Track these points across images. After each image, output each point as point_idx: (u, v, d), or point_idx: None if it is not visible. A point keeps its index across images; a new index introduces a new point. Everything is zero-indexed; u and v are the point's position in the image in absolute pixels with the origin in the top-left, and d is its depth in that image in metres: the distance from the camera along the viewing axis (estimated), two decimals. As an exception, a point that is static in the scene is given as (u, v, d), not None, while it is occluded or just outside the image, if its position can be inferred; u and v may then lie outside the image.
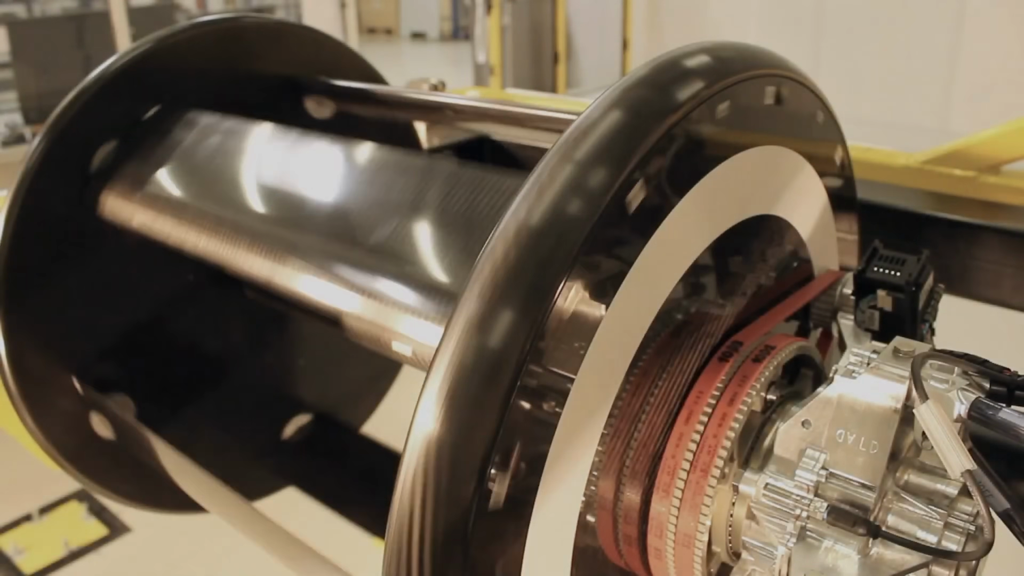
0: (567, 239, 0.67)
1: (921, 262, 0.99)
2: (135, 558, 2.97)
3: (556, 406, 0.69)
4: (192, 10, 7.18)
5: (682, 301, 1.00)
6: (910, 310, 0.98)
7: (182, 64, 1.31)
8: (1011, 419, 0.67)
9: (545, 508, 0.71)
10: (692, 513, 0.80)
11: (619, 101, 0.74)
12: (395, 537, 0.65)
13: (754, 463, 0.82)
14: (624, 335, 0.75)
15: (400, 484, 0.65)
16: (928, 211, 1.47)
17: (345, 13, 7.69)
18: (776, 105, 0.90)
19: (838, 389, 0.74)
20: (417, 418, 0.65)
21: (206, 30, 1.33)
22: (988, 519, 0.65)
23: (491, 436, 0.64)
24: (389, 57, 13.13)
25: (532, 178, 0.70)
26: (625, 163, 0.70)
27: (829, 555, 0.72)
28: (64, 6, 6.21)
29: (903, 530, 0.72)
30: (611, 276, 0.71)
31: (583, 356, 0.70)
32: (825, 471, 0.74)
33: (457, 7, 14.55)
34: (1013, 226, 1.40)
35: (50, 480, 2.80)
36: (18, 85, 5.49)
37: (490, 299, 0.65)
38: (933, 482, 0.74)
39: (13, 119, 5.54)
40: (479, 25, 6.85)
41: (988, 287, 1.41)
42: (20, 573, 2.90)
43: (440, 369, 0.65)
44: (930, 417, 0.67)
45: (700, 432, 0.81)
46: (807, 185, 1.00)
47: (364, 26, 13.81)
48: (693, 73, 0.78)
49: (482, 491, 0.65)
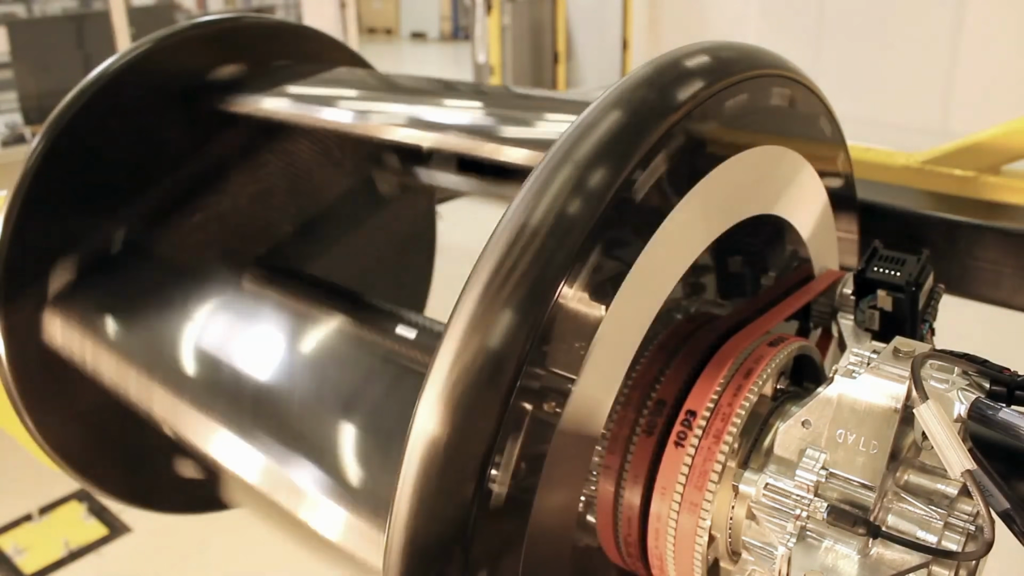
0: (567, 239, 0.67)
1: (921, 262, 0.99)
2: (135, 558, 2.97)
3: (556, 406, 0.69)
4: (192, 10, 7.17)
5: (682, 301, 1.00)
6: (910, 310, 0.98)
7: (182, 64, 1.31)
8: (1011, 419, 0.67)
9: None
10: (692, 513, 0.80)
11: (619, 101, 0.74)
12: (395, 536, 0.65)
13: (754, 463, 0.82)
14: (624, 335, 0.74)
15: (400, 484, 0.65)
16: (928, 211, 1.47)
17: (345, 13, 7.68)
18: (776, 105, 0.90)
19: (838, 389, 0.74)
20: (417, 418, 0.65)
21: (206, 30, 1.33)
22: (988, 519, 0.65)
23: (491, 436, 0.64)
24: (389, 57, 13.14)
25: (532, 178, 0.70)
26: (625, 163, 0.70)
27: (829, 555, 0.72)
28: (64, 6, 6.20)
29: (903, 530, 0.72)
30: (611, 276, 0.71)
31: (583, 356, 0.70)
32: (825, 471, 0.74)
33: (457, 7, 14.55)
34: (1013, 226, 1.40)
35: (50, 480, 2.80)
36: (18, 85, 5.49)
37: (490, 299, 0.65)
38: (933, 482, 0.74)
39: (13, 119, 5.54)
40: (479, 25, 6.85)
41: (988, 287, 1.41)
42: (20, 573, 2.90)
43: (440, 369, 0.65)
44: (930, 417, 0.67)
45: (700, 432, 0.81)
46: (807, 185, 1.00)
47: (364, 26, 13.82)
48: (693, 73, 0.78)
49: (482, 491, 0.65)
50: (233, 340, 1.15)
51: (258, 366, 1.09)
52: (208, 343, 1.16)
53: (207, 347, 1.15)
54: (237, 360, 1.12)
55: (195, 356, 1.15)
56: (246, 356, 1.11)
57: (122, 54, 1.25)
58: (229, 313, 1.22)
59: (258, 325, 1.18)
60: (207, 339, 1.17)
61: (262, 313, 1.20)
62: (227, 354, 1.13)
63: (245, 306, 1.23)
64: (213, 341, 1.16)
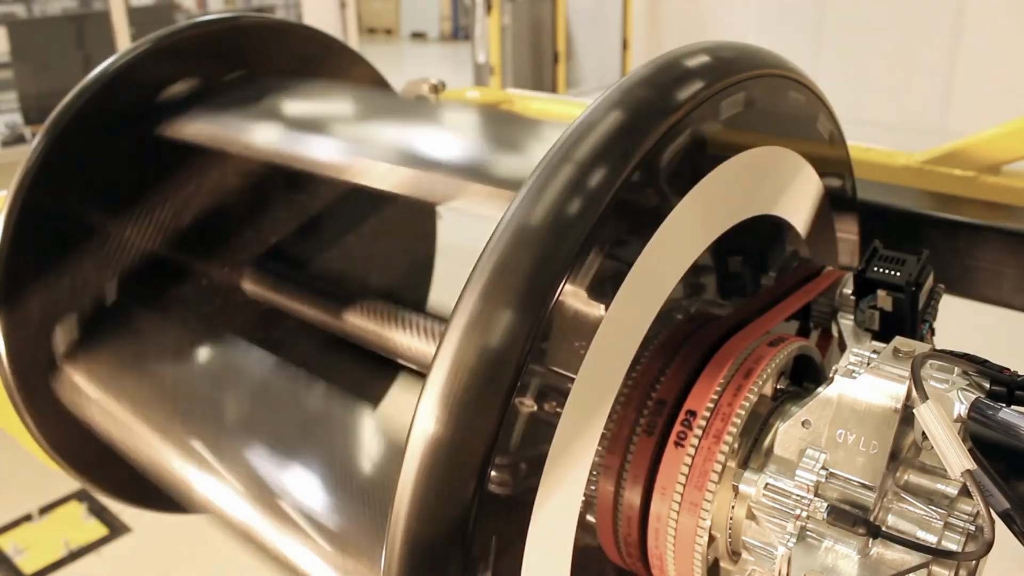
0: (567, 239, 0.67)
1: (921, 262, 0.99)
2: (135, 558, 2.97)
3: (556, 406, 0.69)
4: (192, 10, 7.18)
5: (682, 301, 1.00)
6: (910, 310, 0.98)
7: (182, 64, 1.31)
8: (1011, 419, 0.67)
9: (545, 508, 0.71)
10: (692, 513, 0.80)
11: (619, 101, 0.74)
12: (396, 537, 0.65)
13: (754, 463, 0.82)
14: (624, 335, 0.74)
15: (400, 484, 0.65)
16: (928, 211, 1.47)
17: (345, 13, 7.68)
18: (776, 105, 0.90)
19: (838, 389, 0.74)
20: (417, 418, 0.65)
21: (206, 30, 1.33)
22: (988, 519, 0.65)
23: (491, 436, 0.64)
24: (389, 57, 13.13)
25: (532, 178, 0.70)
26: (625, 163, 0.70)
27: (829, 555, 0.72)
28: (64, 6, 6.20)
29: (903, 530, 0.72)
30: (611, 276, 0.71)
31: (583, 356, 0.70)
32: (825, 471, 0.74)
33: (457, 7, 14.54)
34: (1013, 226, 1.40)
35: (50, 480, 2.80)
36: (18, 85, 5.49)
37: (490, 299, 0.65)
38: (933, 482, 0.74)
39: (13, 119, 5.54)
40: (479, 25, 6.85)
41: (988, 287, 1.41)
42: (20, 573, 2.90)
43: (440, 369, 0.65)
44: (930, 417, 0.67)
45: (700, 432, 0.81)
46: (807, 185, 1.00)
47: (364, 26, 13.81)
48: (693, 73, 0.78)
49: (482, 491, 0.65)
50: (232, 344, 1.16)
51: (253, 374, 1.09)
52: (207, 349, 1.16)
53: (206, 348, 1.15)
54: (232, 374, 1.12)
55: (194, 355, 1.15)
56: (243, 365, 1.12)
57: (122, 54, 1.25)
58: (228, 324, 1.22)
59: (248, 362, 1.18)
60: (207, 341, 1.17)
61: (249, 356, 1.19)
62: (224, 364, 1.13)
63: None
64: (212, 345, 1.16)
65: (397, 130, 1.16)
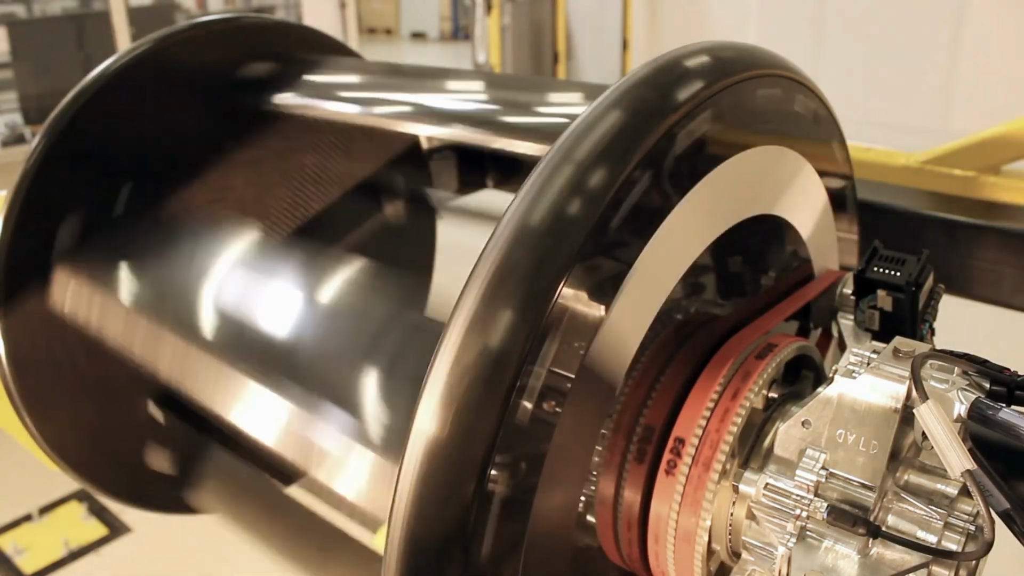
0: (567, 239, 0.67)
1: (921, 262, 0.98)
2: (135, 558, 2.97)
3: (556, 406, 0.69)
4: (192, 10, 7.17)
5: (682, 301, 1.00)
6: (910, 310, 0.98)
7: (182, 64, 1.31)
8: (1011, 419, 0.67)
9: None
10: (692, 513, 0.80)
11: (619, 101, 0.74)
12: (395, 536, 0.65)
13: (754, 463, 0.82)
14: (624, 335, 0.74)
15: (400, 484, 0.65)
16: (928, 211, 1.47)
17: (345, 13, 7.68)
18: (776, 105, 0.89)
19: (838, 389, 0.74)
20: (417, 418, 0.65)
21: (206, 30, 1.33)
22: (988, 519, 0.65)
23: (491, 436, 0.64)
24: (389, 57, 13.10)
25: (532, 178, 0.70)
26: (625, 163, 0.70)
27: (829, 555, 0.72)
28: (64, 6, 6.20)
29: (903, 530, 0.72)
30: (611, 276, 0.71)
31: (583, 356, 0.70)
32: (825, 471, 0.74)
33: (457, 7, 14.54)
34: (1013, 226, 1.40)
35: (50, 480, 2.79)
36: (18, 85, 5.48)
37: (490, 299, 0.65)
38: (933, 482, 0.74)
39: (13, 119, 5.54)
40: (479, 25, 6.85)
41: (988, 287, 1.41)
42: (20, 573, 2.90)
43: (440, 369, 0.65)
44: (930, 417, 0.67)
45: (700, 432, 0.81)
46: (807, 185, 1.00)
47: (364, 26, 13.80)
48: (693, 73, 0.78)
49: (482, 491, 0.65)
50: (232, 348, 1.16)
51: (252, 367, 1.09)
52: (207, 352, 1.16)
53: (206, 352, 1.15)
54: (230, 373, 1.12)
55: (194, 358, 1.15)
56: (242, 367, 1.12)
57: (122, 54, 1.25)
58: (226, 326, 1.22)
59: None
60: (207, 345, 1.17)
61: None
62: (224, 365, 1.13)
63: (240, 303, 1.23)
64: (212, 349, 1.16)
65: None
